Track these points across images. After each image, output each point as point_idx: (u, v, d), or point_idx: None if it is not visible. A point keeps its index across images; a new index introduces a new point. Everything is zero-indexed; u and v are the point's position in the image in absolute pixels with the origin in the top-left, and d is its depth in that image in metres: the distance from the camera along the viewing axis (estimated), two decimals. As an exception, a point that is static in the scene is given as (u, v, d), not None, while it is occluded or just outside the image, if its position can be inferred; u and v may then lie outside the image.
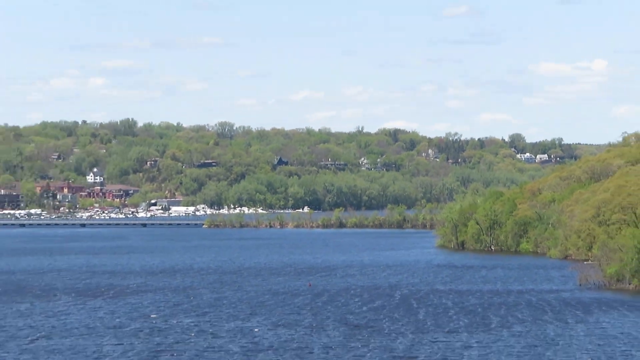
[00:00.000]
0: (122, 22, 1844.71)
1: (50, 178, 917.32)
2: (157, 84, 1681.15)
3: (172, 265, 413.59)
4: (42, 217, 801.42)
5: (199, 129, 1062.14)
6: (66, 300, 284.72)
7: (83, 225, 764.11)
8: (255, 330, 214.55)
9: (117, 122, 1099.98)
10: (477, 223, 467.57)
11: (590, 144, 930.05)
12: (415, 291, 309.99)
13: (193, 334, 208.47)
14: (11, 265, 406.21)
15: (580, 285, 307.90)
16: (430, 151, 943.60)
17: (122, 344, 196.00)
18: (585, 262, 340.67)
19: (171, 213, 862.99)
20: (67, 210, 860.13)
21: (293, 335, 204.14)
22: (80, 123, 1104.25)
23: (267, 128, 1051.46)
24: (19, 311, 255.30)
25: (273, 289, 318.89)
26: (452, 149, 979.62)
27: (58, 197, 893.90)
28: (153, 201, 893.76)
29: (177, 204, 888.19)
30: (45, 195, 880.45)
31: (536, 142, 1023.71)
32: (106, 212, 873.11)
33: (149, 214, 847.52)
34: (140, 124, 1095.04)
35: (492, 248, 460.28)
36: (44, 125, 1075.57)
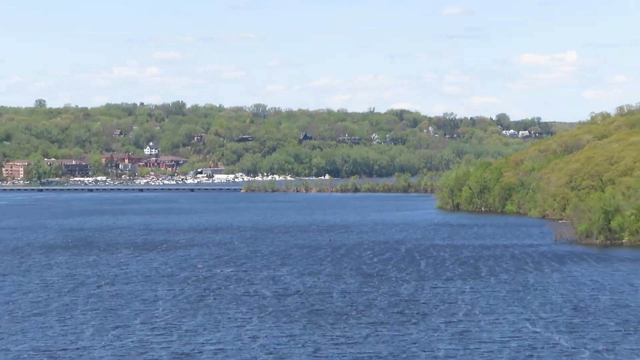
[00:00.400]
0: (172, 20, 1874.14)
1: (114, 151, 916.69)
2: (201, 72, 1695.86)
3: (215, 223, 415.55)
4: (107, 184, 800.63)
5: (237, 110, 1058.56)
6: (126, 253, 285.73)
7: (141, 190, 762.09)
8: (285, 278, 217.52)
9: (169, 104, 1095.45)
10: (470, 188, 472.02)
11: (563, 122, 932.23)
12: (417, 245, 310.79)
13: (232, 281, 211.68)
14: (81, 224, 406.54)
15: (555, 240, 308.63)
16: (430, 128, 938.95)
17: (174, 290, 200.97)
18: (559, 221, 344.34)
19: (214, 180, 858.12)
20: (127, 177, 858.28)
21: (316, 282, 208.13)
22: (138, 105, 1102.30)
23: (294, 109, 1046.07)
24: (88, 262, 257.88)
25: (299, 244, 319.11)
26: (448, 126, 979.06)
27: (120, 166, 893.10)
28: (199, 170, 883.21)
29: (219, 172, 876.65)
30: (109, 165, 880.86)
31: (519, 121, 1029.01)
32: (160, 179, 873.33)
33: (195, 181, 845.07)
34: (188, 105, 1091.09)
35: (482, 209, 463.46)
36: (108, 106, 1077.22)
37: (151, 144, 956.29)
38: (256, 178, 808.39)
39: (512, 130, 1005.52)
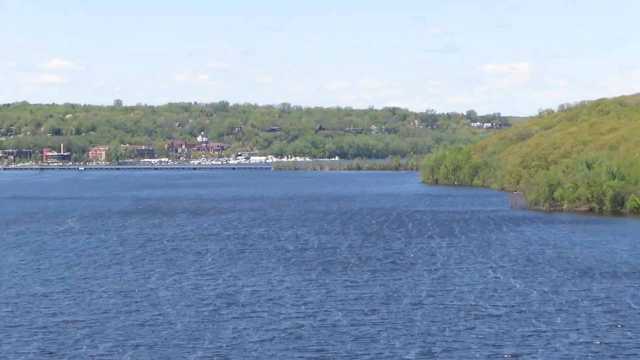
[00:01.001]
0: (219, 37, 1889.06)
1: (174, 139, 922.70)
2: (241, 78, 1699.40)
3: (250, 194, 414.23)
4: (168, 164, 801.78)
5: (268, 107, 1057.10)
6: (183, 217, 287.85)
7: (194, 169, 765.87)
8: (304, 236, 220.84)
9: (216, 102, 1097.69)
10: (446, 167, 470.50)
11: (518, 117, 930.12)
12: (405, 211, 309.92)
13: (264, 238, 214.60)
14: (149, 195, 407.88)
15: (511, 207, 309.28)
16: (415, 121, 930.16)
17: (219, 245, 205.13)
18: (514, 192, 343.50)
19: (250, 161, 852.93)
20: (184, 159, 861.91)
21: (328, 239, 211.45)
22: (193, 104, 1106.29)
23: (312, 106, 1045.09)
24: (153, 224, 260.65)
25: (315, 209, 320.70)
26: (430, 119, 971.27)
27: (178, 150, 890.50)
28: (239, 153, 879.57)
29: (255, 155, 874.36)
30: (170, 150, 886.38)
31: (484, 115, 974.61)
32: (209, 160, 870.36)
33: (236, 161, 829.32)
34: (230, 104, 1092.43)
35: (455, 183, 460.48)
36: (170, 105, 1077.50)
37: (202, 133, 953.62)
38: (282, 159, 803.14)
39: (478, 123, 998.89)
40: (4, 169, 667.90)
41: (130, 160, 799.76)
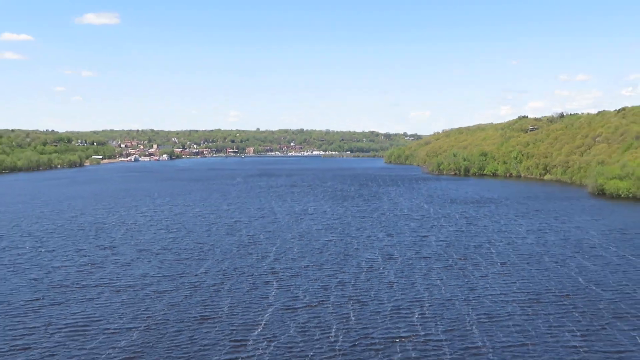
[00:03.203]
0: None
1: (281, 143, 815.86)
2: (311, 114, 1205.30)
3: (315, 166, 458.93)
4: (279, 155, 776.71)
5: (321, 131, 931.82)
6: (282, 177, 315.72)
7: (290, 157, 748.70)
8: (326, 184, 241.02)
9: (308, 129, 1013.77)
10: (394, 155, 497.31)
11: (426, 134, 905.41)
12: (375, 174, 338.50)
13: (305, 186, 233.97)
14: (268, 167, 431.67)
15: (422, 173, 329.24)
16: (382, 136, 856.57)
17: (300, 188, 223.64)
18: (423, 166, 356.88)
19: (312, 153, 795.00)
20: (287, 152, 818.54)
21: (337, 185, 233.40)
22: (304, 129, 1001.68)
23: (336, 130, 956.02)
24: (268, 179, 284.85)
25: (333, 174, 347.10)
26: (388, 136, 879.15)
27: (284, 149, 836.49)
28: (310, 151, 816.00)
29: (315, 151, 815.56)
30: (282, 148, 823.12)
31: (412, 133, 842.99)
32: (297, 153, 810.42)
33: (307, 154, 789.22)
34: (305, 129, 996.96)
35: (398, 162, 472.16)
36: (280, 130, 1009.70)
37: (292, 143, 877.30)
38: (326, 153, 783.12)
39: (409, 137, 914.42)
40: (211, 157, 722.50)
41: (264, 153, 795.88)
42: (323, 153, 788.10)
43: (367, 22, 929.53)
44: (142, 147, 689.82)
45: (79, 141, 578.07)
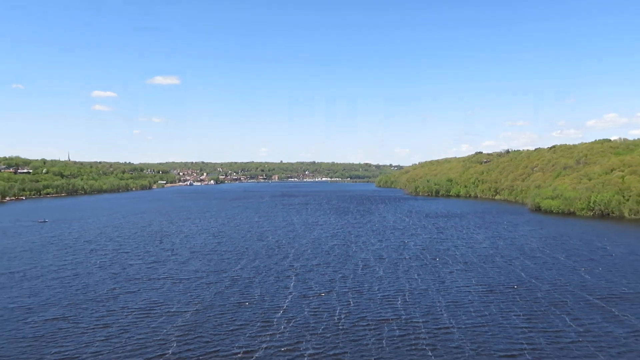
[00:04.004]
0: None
1: (298, 172, 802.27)
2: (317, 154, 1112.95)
3: (320, 189, 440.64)
4: (296, 180, 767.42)
5: (328, 163, 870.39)
6: (299, 197, 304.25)
7: (305, 181, 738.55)
8: (331, 202, 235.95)
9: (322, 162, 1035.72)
10: (386, 181, 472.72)
11: (406, 165, 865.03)
12: (369, 195, 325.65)
13: (316, 204, 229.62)
14: (290, 189, 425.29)
15: (404, 194, 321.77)
16: (374, 167, 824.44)
17: (309, 205, 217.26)
18: (405, 190, 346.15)
19: (322, 179, 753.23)
20: (303, 178, 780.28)
21: (340, 204, 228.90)
22: (316, 161, 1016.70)
23: (340, 162, 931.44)
24: (290, 199, 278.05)
25: (338, 195, 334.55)
26: (379, 167, 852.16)
27: (300, 176, 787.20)
28: (320, 178, 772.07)
29: (326, 177, 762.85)
30: (300, 175, 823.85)
31: (395, 165, 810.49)
32: (310, 179, 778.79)
33: (316, 179, 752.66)
34: (317, 161, 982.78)
35: (386, 186, 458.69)
36: (298, 162, 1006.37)
37: (307, 171, 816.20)
38: (332, 179, 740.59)
39: (394, 167, 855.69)
40: (246, 182, 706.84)
41: (285, 179, 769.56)
42: (330, 179, 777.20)
43: (362, 84, 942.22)
44: (195, 174, 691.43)
45: (149, 170, 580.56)
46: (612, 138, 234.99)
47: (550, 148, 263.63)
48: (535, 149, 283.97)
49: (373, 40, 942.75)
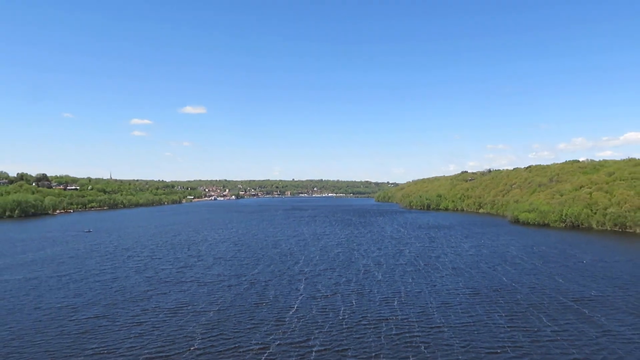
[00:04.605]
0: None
1: (308, 188, 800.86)
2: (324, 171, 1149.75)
3: (327, 203, 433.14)
4: (305, 195, 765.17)
5: (336, 180, 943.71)
6: (309, 211, 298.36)
7: (313, 196, 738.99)
8: (337, 215, 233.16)
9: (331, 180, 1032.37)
10: (384, 197, 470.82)
11: (401, 182, 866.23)
12: (368, 209, 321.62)
13: (322, 216, 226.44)
14: (298, 203, 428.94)
15: (400, 208, 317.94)
16: (373, 184, 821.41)
17: (298, 228, 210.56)
18: (401, 204, 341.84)
19: (329, 194, 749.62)
20: (311, 193, 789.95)
21: (345, 216, 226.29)
22: (335, 179, 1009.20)
23: (349, 180, 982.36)
24: (300, 212, 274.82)
25: (342, 209, 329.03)
26: (378, 184, 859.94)
27: (309, 192, 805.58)
28: (328, 193, 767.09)
29: (333, 193, 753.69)
30: (309, 191, 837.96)
31: (392, 182, 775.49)
32: (318, 194, 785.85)
33: (324, 195, 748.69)
34: (331, 180, 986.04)
35: (385, 201, 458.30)
36: (310, 180, 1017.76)
37: (315, 188, 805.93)
38: (338, 195, 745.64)
39: (390, 185, 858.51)
40: (263, 197, 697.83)
41: (297, 194, 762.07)
42: (335, 195, 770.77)
43: (364, 112, 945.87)
44: (219, 190, 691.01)
45: (179, 187, 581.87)
46: (581, 159, 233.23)
47: (527, 168, 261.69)
48: (514, 169, 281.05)
49: (374, 73, 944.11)
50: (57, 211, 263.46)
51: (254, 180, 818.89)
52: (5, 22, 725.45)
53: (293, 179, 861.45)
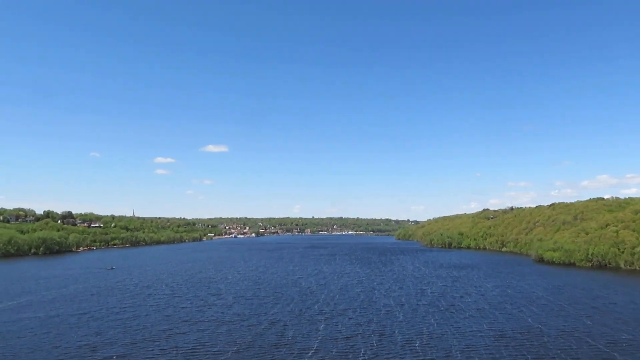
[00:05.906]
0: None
1: (322, 226, 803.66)
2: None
3: (344, 241, 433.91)
4: (324, 233, 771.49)
5: (356, 218, 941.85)
6: (327, 249, 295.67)
7: (332, 235, 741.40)
8: (356, 253, 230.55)
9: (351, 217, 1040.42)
10: (404, 234, 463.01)
11: (422, 220, 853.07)
12: (389, 247, 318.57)
13: (342, 254, 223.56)
14: (318, 241, 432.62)
15: (421, 246, 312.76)
16: (393, 222, 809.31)
17: (318, 266, 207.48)
18: (422, 242, 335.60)
19: (349, 232, 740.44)
20: (330, 231, 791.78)
21: (365, 254, 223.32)
22: (341, 217, 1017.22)
23: (367, 217, 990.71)
24: (318, 250, 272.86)
25: (362, 247, 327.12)
26: (397, 222, 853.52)
27: (326, 229, 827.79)
28: (347, 232, 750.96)
29: (353, 231, 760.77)
30: (327, 229, 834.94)
31: (412, 220, 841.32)
32: (336, 232, 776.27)
33: (343, 233, 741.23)
34: (344, 217, 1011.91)
35: (406, 239, 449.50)
36: (327, 217, 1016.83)
37: (326, 228, 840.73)
38: (358, 232, 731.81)
39: (410, 222, 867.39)
40: (283, 234, 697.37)
41: (316, 232, 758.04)
42: (355, 232, 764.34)
43: (381, 153, 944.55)
44: (239, 228, 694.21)
45: (200, 224, 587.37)
46: (605, 197, 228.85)
47: (550, 205, 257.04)
48: (537, 206, 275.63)
49: (394, 112, 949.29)
50: (81, 248, 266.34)
51: (274, 218, 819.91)
52: (41, 66, 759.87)
53: (313, 217, 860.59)
